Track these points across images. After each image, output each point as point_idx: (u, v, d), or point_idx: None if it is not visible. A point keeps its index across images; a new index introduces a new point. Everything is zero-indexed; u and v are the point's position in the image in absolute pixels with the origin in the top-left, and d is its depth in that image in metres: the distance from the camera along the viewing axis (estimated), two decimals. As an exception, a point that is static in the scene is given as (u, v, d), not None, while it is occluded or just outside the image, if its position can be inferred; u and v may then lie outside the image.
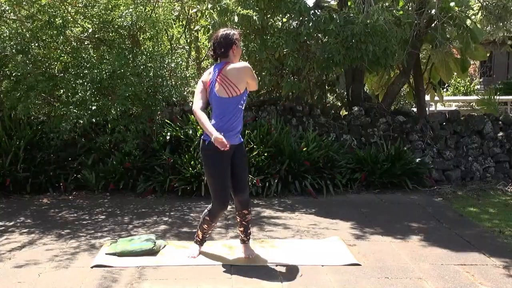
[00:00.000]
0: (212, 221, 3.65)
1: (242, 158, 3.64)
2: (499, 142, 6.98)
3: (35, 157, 6.02)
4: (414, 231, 4.50)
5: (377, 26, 5.63)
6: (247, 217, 3.69)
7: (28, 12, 5.67)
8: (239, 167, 3.60)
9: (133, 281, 3.32)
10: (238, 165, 3.60)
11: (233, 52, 3.49)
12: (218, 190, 3.53)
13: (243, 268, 3.53)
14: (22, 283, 3.30)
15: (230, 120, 3.45)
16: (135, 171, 5.95)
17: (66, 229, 4.51)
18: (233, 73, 3.41)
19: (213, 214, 3.61)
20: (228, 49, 3.47)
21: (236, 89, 3.43)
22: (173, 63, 5.82)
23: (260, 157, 5.80)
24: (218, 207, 3.56)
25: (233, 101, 3.45)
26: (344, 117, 7.06)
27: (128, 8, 5.63)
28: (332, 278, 3.38)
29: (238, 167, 3.60)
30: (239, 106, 3.49)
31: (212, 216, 3.62)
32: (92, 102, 5.26)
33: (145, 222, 4.74)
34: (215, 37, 3.52)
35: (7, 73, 5.72)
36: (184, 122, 6.14)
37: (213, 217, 3.63)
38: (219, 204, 3.55)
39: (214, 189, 3.54)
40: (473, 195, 5.93)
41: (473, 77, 16.80)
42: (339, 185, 5.94)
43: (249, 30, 6.11)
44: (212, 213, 3.61)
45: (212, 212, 3.61)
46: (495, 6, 6.62)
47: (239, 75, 3.42)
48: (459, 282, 3.34)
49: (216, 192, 3.54)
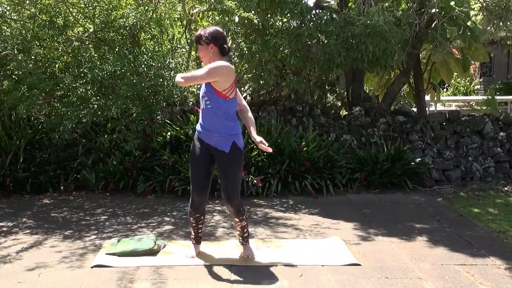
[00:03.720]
0: (194, 213, 3.63)
1: (221, 164, 3.52)
2: (499, 142, 6.98)
3: (35, 157, 6.02)
4: (414, 231, 4.50)
5: (377, 27, 5.63)
6: (240, 224, 3.66)
7: (29, 12, 5.68)
8: (220, 172, 3.58)
9: (133, 281, 3.32)
10: (219, 170, 3.58)
11: None
12: (191, 176, 3.61)
13: (243, 268, 3.53)
14: (22, 283, 3.30)
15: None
16: (135, 171, 5.96)
17: (70, 229, 4.51)
18: None
19: (191, 204, 3.63)
20: None
21: None
22: (173, 63, 5.83)
23: (260, 157, 5.80)
24: (192, 194, 3.61)
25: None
26: (344, 117, 7.06)
27: (131, 9, 5.65)
28: (332, 278, 3.38)
29: (219, 171, 3.59)
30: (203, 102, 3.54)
31: (192, 206, 3.63)
32: (92, 102, 5.27)
33: (148, 222, 4.74)
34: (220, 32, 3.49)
35: (7, 73, 5.73)
36: (184, 122, 6.14)
37: (193, 208, 3.63)
38: (193, 191, 3.60)
39: (190, 175, 3.63)
40: (473, 195, 5.93)
41: (473, 77, 16.80)
42: (339, 185, 5.94)
43: (250, 30, 6.12)
44: (191, 203, 3.64)
45: (191, 202, 3.64)
46: (495, 6, 6.61)
47: None
48: (459, 282, 3.34)
49: (190, 178, 3.63)
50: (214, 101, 3.43)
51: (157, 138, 6.06)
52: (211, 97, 3.43)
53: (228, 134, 3.46)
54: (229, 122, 3.46)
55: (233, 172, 3.52)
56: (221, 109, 3.43)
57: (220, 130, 3.45)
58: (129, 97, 5.46)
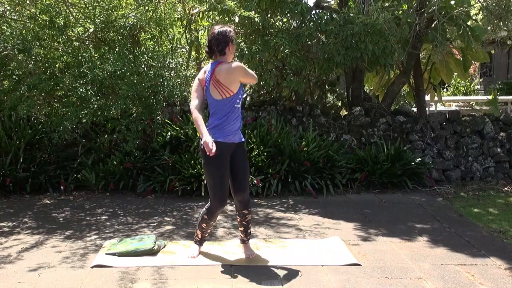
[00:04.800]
0: (210, 220, 3.64)
1: (242, 157, 3.62)
2: (499, 142, 6.98)
3: (35, 157, 6.02)
4: (414, 231, 4.50)
5: (376, 25, 5.63)
6: (247, 217, 3.69)
7: (29, 12, 5.69)
8: (239, 166, 3.59)
9: (133, 281, 3.32)
10: (239, 164, 3.58)
11: (229, 49, 3.48)
12: (216, 188, 3.52)
13: (243, 268, 3.54)
14: (22, 283, 3.30)
15: (227, 119, 3.45)
16: (135, 171, 5.96)
17: (71, 229, 4.51)
18: (224, 75, 3.39)
19: (211, 213, 3.61)
20: (224, 47, 3.46)
21: (229, 91, 3.42)
22: (173, 63, 5.83)
23: (260, 157, 5.80)
24: (215, 205, 3.56)
25: (227, 102, 3.44)
26: (344, 117, 7.06)
27: (131, 9, 5.65)
28: (332, 278, 3.38)
29: (238, 166, 3.58)
30: (235, 105, 3.48)
31: (210, 214, 3.61)
32: (92, 102, 5.27)
33: (149, 222, 4.74)
34: (212, 34, 3.48)
35: (8, 73, 5.73)
36: (184, 122, 6.14)
37: (211, 216, 3.62)
38: (217, 202, 3.54)
39: (212, 186, 3.54)
40: (473, 195, 5.93)
41: (473, 77, 16.81)
42: (339, 185, 5.95)
43: (250, 30, 6.12)
44: (210, 211, 3.60)
45: (210, 210, 3.60)
46: (495, 6, 6.61)
47: (230, 77, 3.40)
48: (459, 282, 3.34)
49: (214, 190, 3.53)
50: (239, 100, 3.53)
51: (157, 138, 6.07)
52: (239, 96, 3.53)
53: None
54: None
55: (247, 162, 3.71)
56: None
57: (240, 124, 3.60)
58: (129, 97, 5.46)
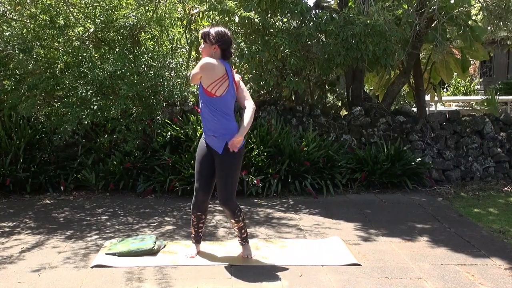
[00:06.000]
0: (195, 210, 3.63)
1: (217, 166, 3.48)
2: (499, 142, 6.98)
3: (35, 157, 6.02)
4: (414, 231, 4.51)
5: (377, 26, 5.63)
6: (236, 225, 3.66)
7: (30, 11, 5.69)
8: (216, 174, 3.53)
9: (133, 281, 3.32)
10: (216, 172, 3.53)
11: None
12: (196, 175, 3.59)
13: (243, 268, 3.54)
14: (22, 283, 3.31)
15: None
16: (135, 171, 5.96)
17: (71, 229, 4.51)
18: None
19: (193, 202, 3.64)
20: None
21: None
22: (173, 63, 5.83)
23: (260, 157, 5.80)
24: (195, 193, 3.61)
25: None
26: (344, 117, 7.07)
27: (131, 9, 5.65)
28: (332, 278, 3.38)
29: (216, 174, 3.53)
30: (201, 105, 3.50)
31: (194, 204, 3.64)
32: (93, 102, 5.27)
33: (149, 222, 4.74)
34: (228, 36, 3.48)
35: (8, 73, 5.73)
36: (184, 122, 6.14)
37: (195, 206, 3.63)
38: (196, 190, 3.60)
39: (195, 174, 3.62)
40: (473, 195, 5.93)
41: (473, 77, 16.81)
42: (339, 185, 5.95)
43: (250, 30, 6.12)
44: (193, 201, 3.64)
45: (193, 200, 3.64)
46: (495, 6, 6.61)
47: None
48: (459, 282, 3.34)
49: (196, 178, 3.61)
50: (203, 99, 3.45)
51: (157, 138, 6.07)
52: (200, 94, 3.47)
53: (221, 134, 3.42)
54: (220, 122, 3.39)
55: (227, 174, 3.46)
56: (209, 107, 3.39)
57: (213, 129, 3.43)
58: (129, 97, 5.46)
